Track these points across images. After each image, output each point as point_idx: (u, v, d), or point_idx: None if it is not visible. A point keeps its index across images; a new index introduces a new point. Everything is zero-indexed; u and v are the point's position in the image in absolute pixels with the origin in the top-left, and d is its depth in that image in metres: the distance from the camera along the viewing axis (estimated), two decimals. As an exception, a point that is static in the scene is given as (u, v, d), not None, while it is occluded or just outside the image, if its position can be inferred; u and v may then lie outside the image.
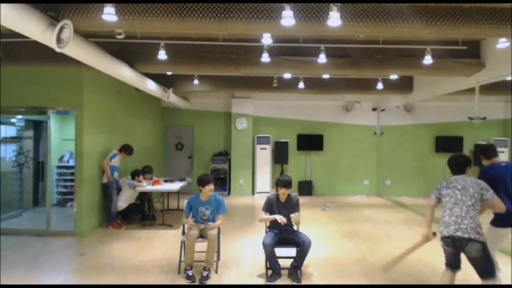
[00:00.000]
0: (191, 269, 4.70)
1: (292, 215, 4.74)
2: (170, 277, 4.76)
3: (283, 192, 4.83)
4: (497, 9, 4.27)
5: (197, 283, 4.59)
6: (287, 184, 4.82)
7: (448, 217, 3.65)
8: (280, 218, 4.67)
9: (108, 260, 5.45)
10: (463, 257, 3.65)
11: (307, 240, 4.68)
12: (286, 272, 4.75)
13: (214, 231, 4.80)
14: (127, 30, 5.18)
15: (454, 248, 3.63)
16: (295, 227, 4.91)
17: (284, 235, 4.79)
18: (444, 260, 3.82)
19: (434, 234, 3.85)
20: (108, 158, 7.27)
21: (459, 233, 3.54)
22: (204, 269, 4.71)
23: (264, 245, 4.62)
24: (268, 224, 4.94)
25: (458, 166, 3.87)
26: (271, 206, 4.87)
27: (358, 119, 12.18)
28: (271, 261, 4.68)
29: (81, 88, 6.75)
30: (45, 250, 5.89)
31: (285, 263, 4.79)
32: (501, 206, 3.70)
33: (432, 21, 4.30)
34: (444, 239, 3.67)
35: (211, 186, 4.90)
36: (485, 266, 3.61)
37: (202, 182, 4.90)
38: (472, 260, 3.61)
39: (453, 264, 3.75)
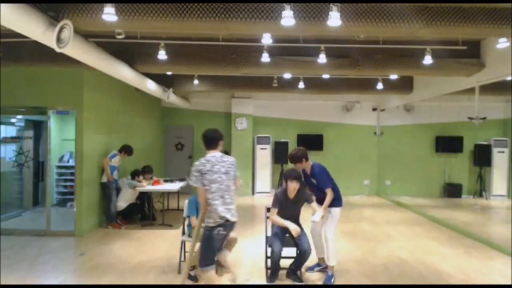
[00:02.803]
0: (194, 269, 4.70)
1: (313, 205, 4.62)
2: (170, 277, 4.76)
3: (293, 187, 4.48)
4: (497, 9, 4.28)
5: (200, 282, 4.59)
6: (298, 177, 4.48)
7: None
8: (294, 229, 4.42)
9: (108, 260, 5.45)
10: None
11: (308, 249, 4.51)
12: (286, 272, 4.75)
13: (235, 235, 4.86)
14: (127, 30, 5.18)
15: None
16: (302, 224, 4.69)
17: (289, 234, 4.59)
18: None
19: None
20: (108, 158, 7.28)
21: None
22: None
23: (273, 252, 4.46)
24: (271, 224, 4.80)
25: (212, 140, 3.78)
26: (280, 202, 4.62)
27: (358, 119, 12.18)
28: (275, 267, 4.58)
29: (81, 88, 6.74)
30: (45, 250, 5.89)
31: (285, 263, 4.78)
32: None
33: (432, 21, 4.31)
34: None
35: None
36: None
37: None
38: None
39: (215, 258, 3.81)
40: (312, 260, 4.87)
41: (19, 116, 8.13)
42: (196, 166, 3.64)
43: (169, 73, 8.10)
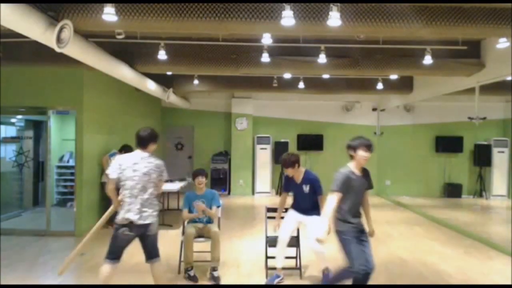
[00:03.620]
0: (192, 269, 4.69)
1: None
2: (169, 277, 4.76)
3: (365, 157, 3.57)
4: (497, 9, 4.28)
5: (203, 283, 4.58)
6: (371, 146, 3.63)
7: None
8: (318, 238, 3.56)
9: (108, 260, 5.43)
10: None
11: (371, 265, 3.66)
12: (287, 272, 4.73)
13: (216, 228, 4.80)
14: (127, 30, 5.18)
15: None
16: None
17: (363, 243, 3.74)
18: None
19: None
20: (108, 156, 7.28)
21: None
22: (214, 269, 4.64)
23: (354, 271, 3.50)
24: (339, 214, 3.59)
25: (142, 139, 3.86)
26: (348, 185, 3.56)
27: (358, 119, 12.18)
28: None
29: (81, 88, 6.74)
30: (45, 250, 5.89)
31: (286, 263, 4.77)
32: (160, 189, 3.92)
33: (432, 21, 4.31)
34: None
35: (199, 179, 4.91)
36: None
37: (193, 175, 5.01)
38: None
39: (120, 255, 3.83)
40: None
41: (19, 116, 8.12)
42: (119, 159, 3.75)
43: (169, 73, 8.10)
